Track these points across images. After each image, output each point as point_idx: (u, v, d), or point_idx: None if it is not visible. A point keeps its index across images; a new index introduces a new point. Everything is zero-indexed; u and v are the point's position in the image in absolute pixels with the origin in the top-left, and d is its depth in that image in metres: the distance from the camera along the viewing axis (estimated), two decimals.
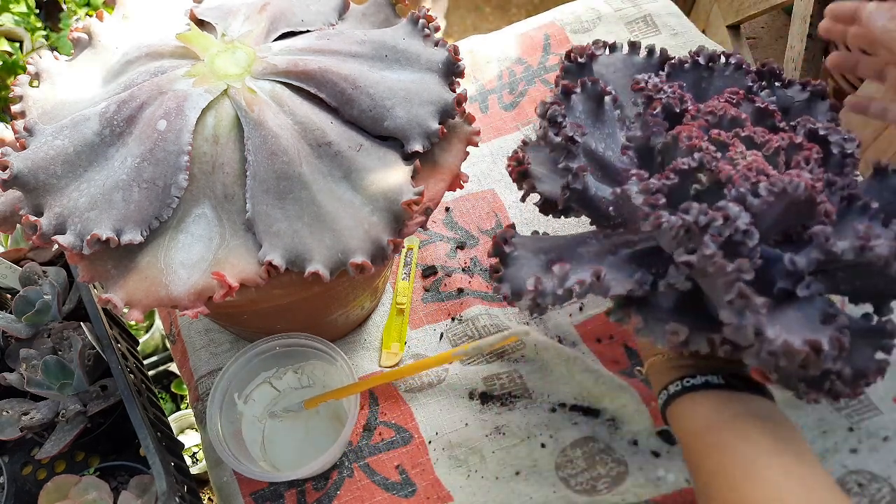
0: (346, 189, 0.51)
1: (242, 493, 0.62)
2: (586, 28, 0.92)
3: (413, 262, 0.73)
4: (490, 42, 0.93)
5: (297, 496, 0.61)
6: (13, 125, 0.53)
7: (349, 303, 0.62)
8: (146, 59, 0.55)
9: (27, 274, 0.69)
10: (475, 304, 0.70)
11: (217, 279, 0.47)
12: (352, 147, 0.52)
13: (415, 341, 0.69)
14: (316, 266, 0.48)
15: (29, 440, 0.68)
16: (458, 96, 0.55)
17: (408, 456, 0.62)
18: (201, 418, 0.66)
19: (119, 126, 0.50)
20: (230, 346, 0.70)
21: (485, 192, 0.79)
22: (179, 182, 0.49)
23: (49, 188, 0.49)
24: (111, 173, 0.49)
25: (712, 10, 1.11)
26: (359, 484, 0.61)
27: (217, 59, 0.53)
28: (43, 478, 0.69)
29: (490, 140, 0.83)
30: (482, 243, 0.75)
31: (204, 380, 0.68)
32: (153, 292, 0.48)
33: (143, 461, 0.69)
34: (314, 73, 0.53)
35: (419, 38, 0.58)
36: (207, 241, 0.50)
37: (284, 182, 0.49)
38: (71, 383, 0.64)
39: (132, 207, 0.48)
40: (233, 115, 0.51)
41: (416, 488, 0.61)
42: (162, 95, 0.51)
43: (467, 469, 0.61)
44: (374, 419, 0.65)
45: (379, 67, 0.56)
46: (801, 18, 0.91)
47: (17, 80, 0.56)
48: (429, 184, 0.54)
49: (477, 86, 0.89)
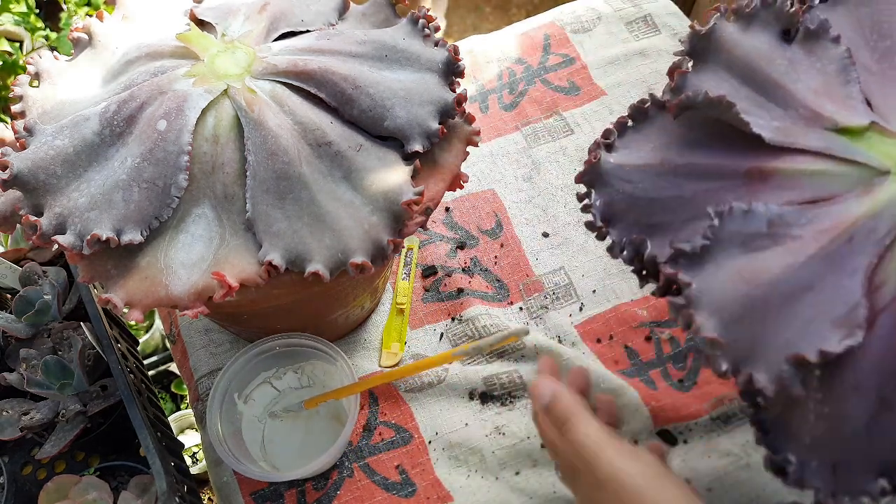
0: (346, 189, 0.51)
1: (242, 493, 0.62)
2: (586, 28, 0.92)
3: (413, 262, 0.73)
4: (490, 42, 0.93)
5: (297, 496, 0.61)
6: (13, 125, 0.53)
7: (349, 303, 0.62)
8: (146, 59, 0.55)
9: (27, 274, 0.69)
10: (475, 304, 0.70)
11: (217, 279, 0.47)
12: (352, 147, 0.52)
13: (415, 341, 0.69)
14: (316, 266, 0.48)
15: (29, 440, 0.68)
16: (458, 96, 0.55)
17: (408, 456, 0.62)
18: (201, 418, 0.66)
19: (119, 126, 0.50)
20: (230, 346, 0.70)
21: (485, 192, 0.79)
22: (179, 182, 0.49)
23: (49, 188, 0.49)
24: (111, 173, 0.49)
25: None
26: (359, 484, 0.61)
27: (217, 59, 0.53)
28: (43, 478, 0.69)
29: (490, 140, 0.83)
30: (482, 243, 0.75)
31: (204, 380, 0.68)
32: (153, 292, 0.48)
33: (143, 461, 0.69)
34: (314, 73, 0.53)
35: (419, 38, 0.58)
36: (207, 241, 0.50)
37: (284, 182, 0.50)
38: (71, 383, 0.64)
39: (132, 207, 0.48)
40: (233, 115, 0.51)
41: (416, 488, 0.61)
42: (162, 95, 0.51)
43: (467, 469, 0.61)
44: (374, 419, 0.65)
45: (379, 67, 0.56)
46: None
47: (17, 80, 0.56)
48: (429, 184, 0.54)
49: (477, 86, 0.89)
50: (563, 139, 0.83)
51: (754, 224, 0.39)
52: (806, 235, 0.38)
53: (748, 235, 0.39)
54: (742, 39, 0.44)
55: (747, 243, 0.39)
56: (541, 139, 0.83)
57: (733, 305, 0.37)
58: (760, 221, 0.39)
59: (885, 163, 0.39)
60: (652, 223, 0.42)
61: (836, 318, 0.36)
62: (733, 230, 0.39)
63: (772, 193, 0.40)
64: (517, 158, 0.82)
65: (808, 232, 0.38)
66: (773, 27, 0.45)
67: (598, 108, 0.85)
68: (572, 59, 0.89)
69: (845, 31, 0.45)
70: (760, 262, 0.38)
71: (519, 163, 0.81)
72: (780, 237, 0.38)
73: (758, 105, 0.42)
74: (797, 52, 0.44)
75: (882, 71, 0.43)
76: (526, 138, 0.83)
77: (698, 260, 0.39)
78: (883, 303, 0.36)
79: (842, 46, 0.43)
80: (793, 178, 0.40)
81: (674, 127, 0.44)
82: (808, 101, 0.42)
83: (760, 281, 0.37)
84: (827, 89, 0.42)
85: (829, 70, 0.43)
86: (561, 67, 0.89)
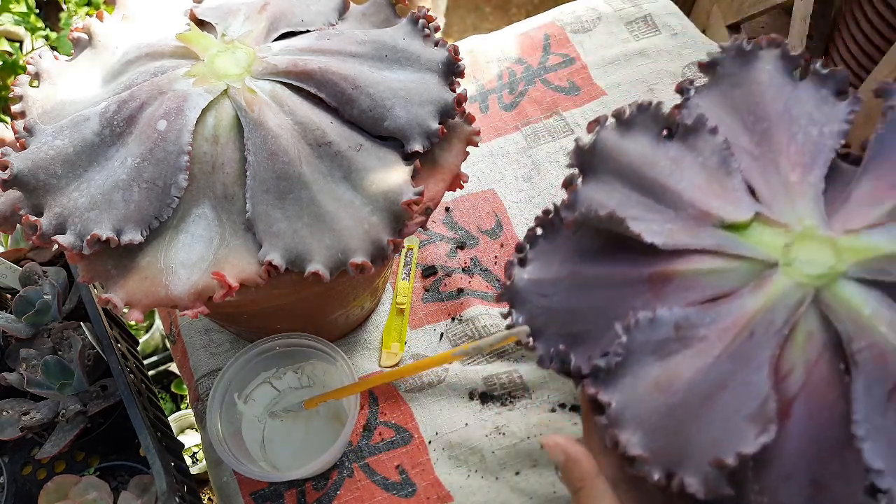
0: (346, 189, 0.51)
1: (242, 493, 0.62)
2: (586, 28, 0.92)
3: (413, 262, 0.74)
4: (490, 42, 0.93)
5: (297, 496, 0.61)
6: (13, 125, 0.53)
7: (349, 303, 0.62)
8: (146, 59, 0.55)
9: (27, 274, 0.69)
10: (475, 304, 0.70)
11: (217, 279, 0.47)
12: (352, 147, 0.52)
13: (415, 341, 0.69)
14: (316, 266, 0.48)
15: (29, 440, 0.68)
16: (458, 96, 0.55)
17: (408, 456, 0.62)
18: (201, 418, 0.66)
19: (119, 126, 0.50)
20: (230, 346, 0.70)
21: (485, 192, 0.79)
22: (179, 182, 0.49)
23: (49, 188, 0.49)
24: (111, 173, 0.49)
25: (712, 10, 1.11)
26: (359, 484, 0.61)
27: (217, 59, 0.53)
28: (43, 478, 0.69)
29: (490, 140, 0.83)
30: (482, 243, 0.75)
31: (204, 380, 0.68)
32: (153, 292, 0.48)
33: (143, 461, 0.69)
34: (314, 73, 0.53)
35: (419, 38, 0.58)
36: (207, 241, 0.50)
37: (284, 182, 0.50)
38: (71, 383, 0.64)
39: (132, 207, 0.48)
40: (233, 115, 0.51)
41: (416, 488, 0.61)
42: (162, 95, 0.51)
43: (467, 469, 0.61)
44: (373, 419, 0.65)
45: (379, 67, 0.56)
46: (801, 18, 0.91)
47: (17, 80, 0.56)
48: (429, 184, 0.54)
49: (477, 86, 0.89)
50: (563, 139, 0.83)
51: (662, 331, 0.39)
52: (711, 335, 0.39)
53: (658, 343, 0.39)
54: (625, 146, 0.44)
55: (658, 351, 0.39)
56: (541, 139, 0.83)
57: (655, 417, 0.38)
58: (668, 327, 0.39)
59: (771, 255, 0.40)
60: (573, 333, 0.42)
61: (750, 414, 0.36)
62: (643, 340, 0.39)
63: (675, 295, 0.41)
64: (517, 158, 0.82)
65: (712, 331, 0.39)
66: (653, 129, 0.45)
67: (598, 108, 0.85)
68: (572, 59, 0.89)
69: (723, 117, 0.45)
70: (674, 367, 0.38)
71: (519, 163, 0.81)
72: (688, 339, 0.39)
73: (650, 209, 0.43)
74: (679, 150, 0.44)
75: (762, 154, 0.44)
76: (526, 138, 0.83)
77: (615, 376, 0.39)
78: (793, 391, 0.37)
79: (720, 137, 0.43)
80: (692, 278, 0.41)
81: (578, 238, 0.44)
82: (694, 200, 0.42)
83: (677, 388, 0.38)
84: (711, 184, 0.43)
85: (711, 163, 0.43)
86: (561, 67, 0.89)
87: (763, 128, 0.44)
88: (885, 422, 0.35)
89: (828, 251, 0.39)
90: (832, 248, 0.39)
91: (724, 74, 0.46)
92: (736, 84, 0.46)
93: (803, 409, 0.37)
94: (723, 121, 0.45)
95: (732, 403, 0.37)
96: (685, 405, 0.37)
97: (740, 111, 0.45)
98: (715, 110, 0.45)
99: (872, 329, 0.37)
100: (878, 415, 0.35)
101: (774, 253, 0.40)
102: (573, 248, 0.44)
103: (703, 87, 0.46)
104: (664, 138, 0.44)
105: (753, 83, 0.46)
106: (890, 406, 0.35)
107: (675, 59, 0.88)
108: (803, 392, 0.37)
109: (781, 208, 0.41)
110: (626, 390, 0.39)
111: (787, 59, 0.46)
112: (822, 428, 0.37)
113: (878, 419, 0.35)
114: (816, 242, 0.40)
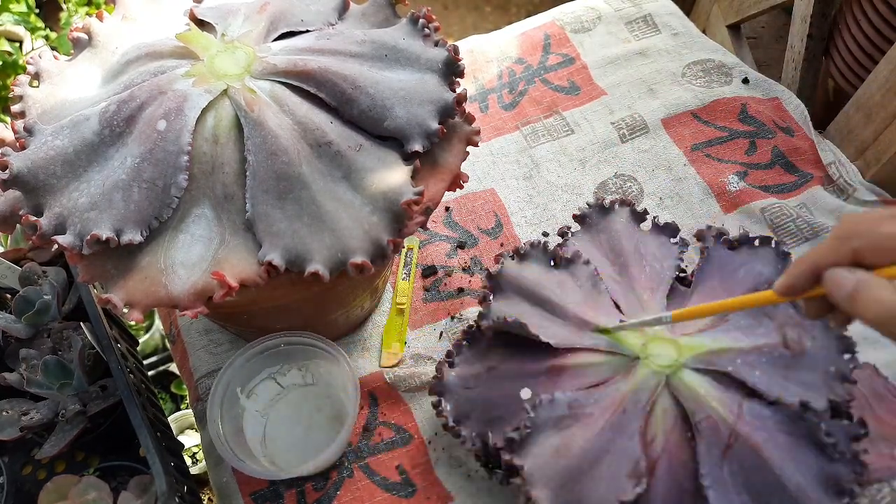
0: (346, 189, 0.51)
1: (242, 493, 0.62)
2: (586, 28, 0.92)
3: (413, 262, 0.73)
4: (490, 42, 0.93)
5: (297, 496, 0.61)
6: (13, 125, 0.53)
7: (349, 303, 0.62)
8: (146, 59, 0.55)
9: (27, 274, 0.69)
10: (475, 303, 0.70)
11: (217, 279, 0.47)
12: (352, 147, 0.52)
13: (415, 341, 0.69)
14: (316, 266, 0.48)
15: (29, 440, 0.68)
16: (458, 96, 0.55)
17: (408, 456, 0.62)
18: (201, 418, 0.66)
19: (119, 126, 0.50)
20: (230, 346, 0.70)
21: (485, 191, 0.79)
22: (179, 182, 0.49)
23: (49, 188, 0.49)
24: (111, 173, 0.49)
25: (712, 9, 1.11)
26: (358, 484, 0.61)
27: (217, 59, 0.53)
28: (43, 478, 0.69)
29: (490, 140, 0.83)
30: (482, 243, 0.75)
31: (204, 380, 0.68)
32: (153, 292, 0.48)
33: (143, 461, 0.69)
34: (314, 73, 0.53)
35: (419, 37, 0.58)
36: (207, 241, 0.50)
37: (284, 182, 0.49)
38: (71, 383, 0.64)
39: (132, 207, 0.48)
40: (232, 115, 0.51)
41: (416, 488, 0.61)
42: (162, 95, 0.51)
43: (467, 469, 0.61)
44: (373, 419, 0.65)
45: (379, 67, 0.56)
46: (801, 18, 0.91)
47: (17, 80, 0.56)
48: (429, 184, 0.54)
49: (477, 86, 0.89)
50: (563, 139, 0.83)
51: (559, 409, 0.51)
52: (596, 412, 0.51)
53: (557, 419, 0.51)
54: (523, 272, 0.59)
55: (557, 424, 0.51)
56: (541, 139, 0.83)
57: (557, 477, 0.49)
58: (563, 406, 0.51)
59: (634, 351, 0.54)
60: (491, 418, 0.54)
61: (628, 472, 0.48)
62: (545, 416, 0.51)
63: (568, 382, 0.53)
64: (517, 158, 0.82)
65: (596, 409, 0.51)
66: (543, 260, 0.60)
67: (598, 107, 0.85)
68: (572, 58, 0.89)
69: (593, 253, 0.61)
70: (569, 437, 0.50)
71: (519, 162, 0.81)
72: (579, 416, 0.51)
73: (545, 318, 0.56)
74: (563, 275, 0.59)
75: (622, 280, 0.60)
76: (526, 138, 0.83)
77: (524, 445, 0.50)
78: (657, 452, 0.50)
79: (591, 266, 0.59)
80: (579, 369, 0.54)
81: (493, 342, 0.57)
82: (577, 312, 0.56)
83: (572, 453, 0.49)
84: (587, 300, 0.57)
85: (586, 286, 0.58)
86: (561, 67, 0.89)
87: (622, 261, 0.60)
88: (723, 474, 0.48)
89: (672, 349, 0.54)
90: (675, 346, 0.54)
91: (591, 223, 0.63)
92: (600, 230, 0.63)
93: (665, 466, 0.50)
94: (593, 255, 0.61)
95: (615, 464, 0.49)
96: (580, 467, 0.49)
97: (604, 249, 0.62)
98: (587, 248, 0.61)
99: (707, 405, 0.51)
100: (718, 468, 0.48)
101: (636, 349, 0.54)
102: (490, 350, 0.57)
103: (578, 232, 0.63)
104: (552, 267, 0.59)
105: (612, 230, 0.62)
106: (724, 462, 0.49)
107: (675, 59, 0.88)
108: (664, 453, 0.50)
109: (638, 318, 0.56)
110: (535, 456, 0.50)
111: (634, 214, 0.63)
112: (678, 480, 0.49)
113: (718, 472, 0.48)
114: (664, 342, 0.54)
